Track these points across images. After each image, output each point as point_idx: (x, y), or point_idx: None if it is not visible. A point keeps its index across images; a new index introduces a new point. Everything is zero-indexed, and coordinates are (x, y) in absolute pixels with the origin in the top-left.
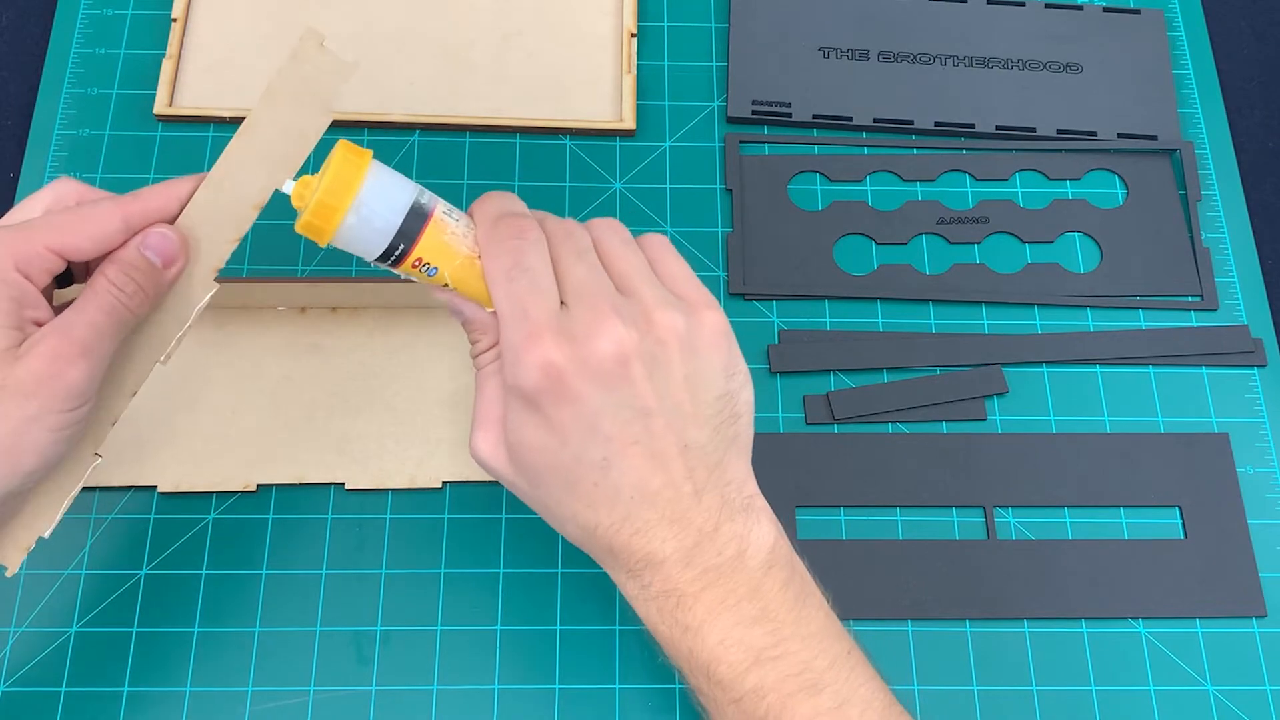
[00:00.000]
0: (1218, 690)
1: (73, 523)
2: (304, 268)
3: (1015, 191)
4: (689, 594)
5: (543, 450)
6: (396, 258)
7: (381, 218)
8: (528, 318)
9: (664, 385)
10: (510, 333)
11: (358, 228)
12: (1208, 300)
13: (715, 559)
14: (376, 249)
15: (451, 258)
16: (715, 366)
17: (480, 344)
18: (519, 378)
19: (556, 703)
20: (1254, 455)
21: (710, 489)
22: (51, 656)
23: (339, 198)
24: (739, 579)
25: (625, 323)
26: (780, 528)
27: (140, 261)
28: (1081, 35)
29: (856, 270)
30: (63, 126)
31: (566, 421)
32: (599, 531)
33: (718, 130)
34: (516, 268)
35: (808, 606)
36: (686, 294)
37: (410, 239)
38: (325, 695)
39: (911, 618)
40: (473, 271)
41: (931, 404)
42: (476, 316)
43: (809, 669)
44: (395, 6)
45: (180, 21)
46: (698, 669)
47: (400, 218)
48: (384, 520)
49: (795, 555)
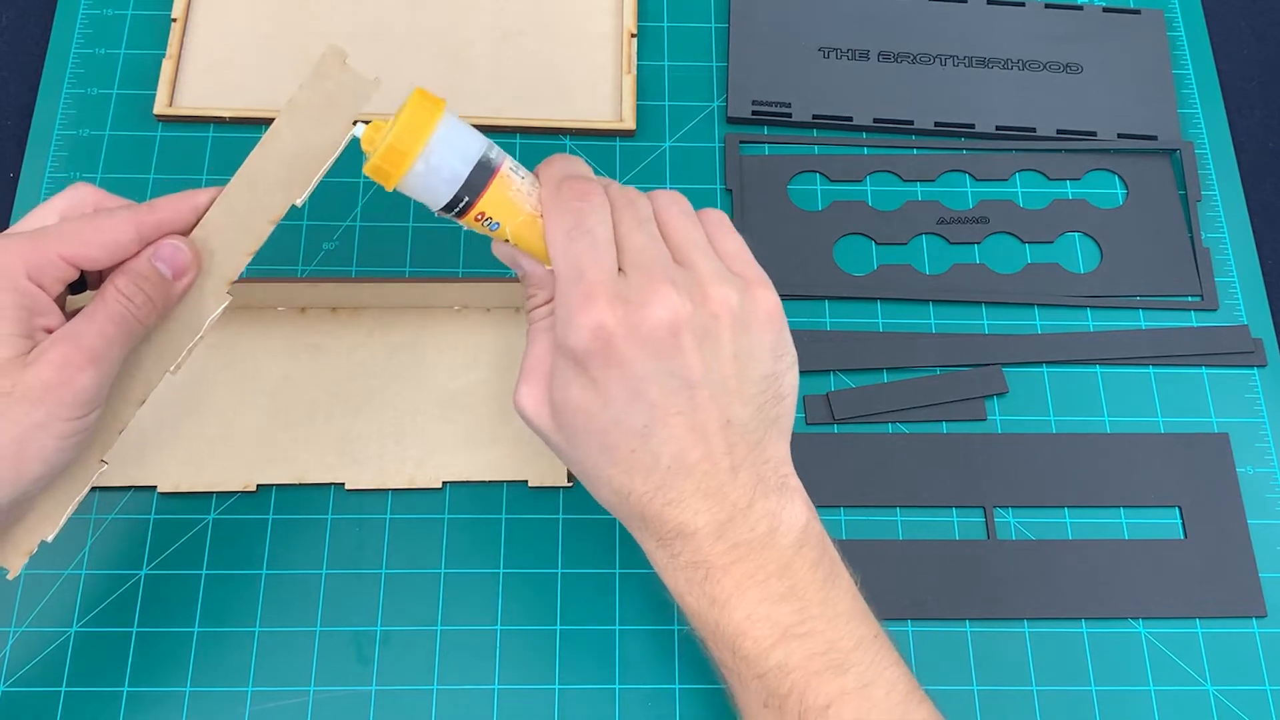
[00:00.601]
0: (1218, 690)
1: (73, 523)
2: (304, 268)
3: (1015, 191)
4: (718, 566)
5: (585, 411)
6: (461, 209)
7: (449, 168)
8: (584, 279)
9: (712, 359)
10: (565, 292)
11: (425, 176)
12: (1208, 300)
13: (747, 534)
14: (441, 199)
15: (514, 214)
16: (765, 345)
17: (536, 299)
18: (569, 337)
19: (556, 703)
20: (1254, 455)
21: (748, 466)
22: (51, 656)
23: (409, 144)
24: (769, 555)
25: (680, 293)
26: (813, 509)
27: (151, 272)
28: (1081, 35)
29: (856, 270)
30: (63, 126)
31: (612, 385)
32: (632, 498)
33: (718, 130)
34: (577, 229)
35: (836, 587)
36: (742, 271)
37: (475, 192)
38: (325, 695)
39: (911, 618)
40: (534, 230)
41: (931, 404)
42: (534, 271)
43: (835, 648)
44: (395, 6)
45: (180, 21)
46: (723, 642)
47: (467, 170)
48: (384, 520)
49: (827, 537)
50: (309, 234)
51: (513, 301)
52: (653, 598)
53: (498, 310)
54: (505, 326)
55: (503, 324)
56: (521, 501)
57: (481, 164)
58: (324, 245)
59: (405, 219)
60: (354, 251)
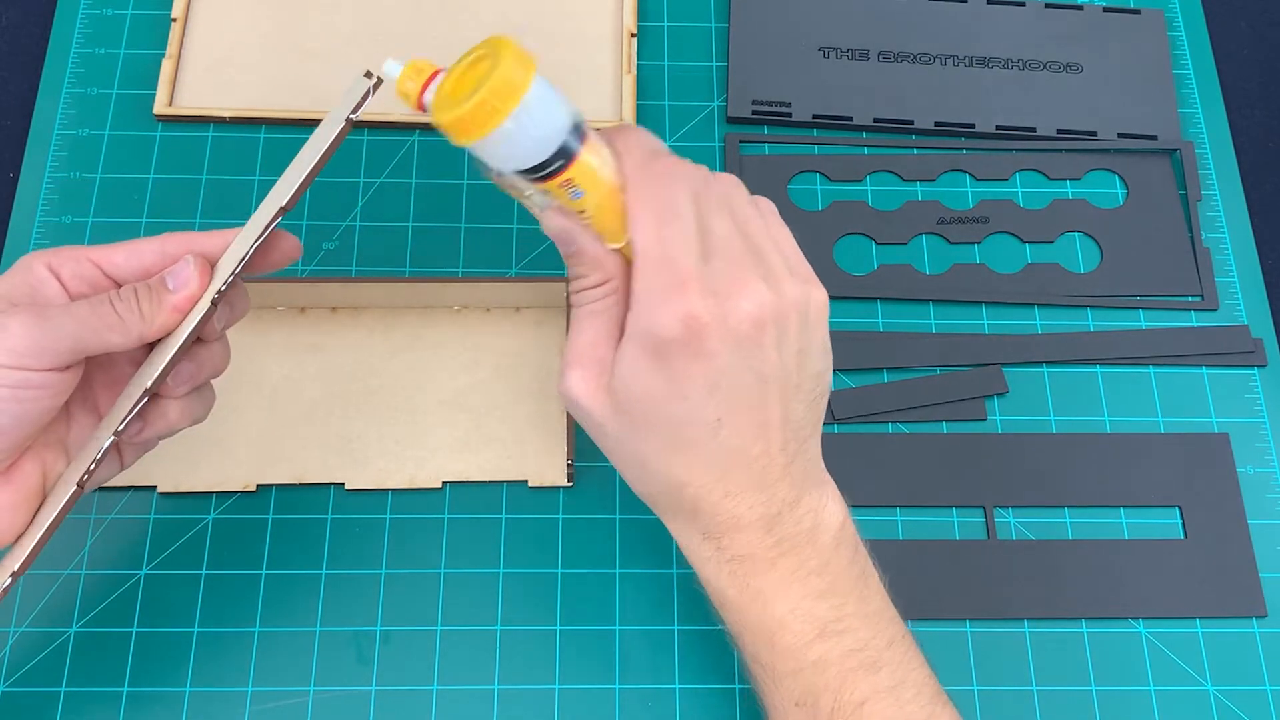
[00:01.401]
0: (1218, 690)
1: (73, 523)
2: (304, 268)
3: (1015, 191)
4: (764, 560)
5: (657, 400)
6: (549, 173)
7: (541, 128)
8: (675, 265)
9: (783, 354)
10: (652, 277)
11: (515, 134)
12: (1208, 300)
13: (793, 529)
14: (530, 160)
15: (599, 184)
16: (819, 343)
17: (586, 279)
18: (656, 324)
19: (556, 703)
20: (1254, 455)
21: (798, 461)
22: (51, 656)
23: (504, 100)
24: (810, 551)
25: (768, 287)
26: (846, 506)
27: (151, 280)
28: (1081, 35)
29: (856, 270)
30: (63, 126)
31: (694, 376)
32: (688, 490)
33: (718, 130)
34: (669, 211)
35: (869, 586)
36: (798, 267)
37: (569, 157)
38: (325, 695)
39: (911, 618)
40: (614, 203)
41: (931, 404)
42: (592, 251)
43: (869, 647)
44: (395, 6)
45: (180, 21)
46: (761, 636)
47: (563, 134)
48: (384, 520)
49: (859, 535)
50: (309, 234)
51: (512, 302)
52: (653, 598)
53: (498, 310)
54: (505, 325)
55: (502, 323)
56: (521, 501)
57: (577, 126)
58: (324, 245)
59: (405, 219)
60: (354, 251)
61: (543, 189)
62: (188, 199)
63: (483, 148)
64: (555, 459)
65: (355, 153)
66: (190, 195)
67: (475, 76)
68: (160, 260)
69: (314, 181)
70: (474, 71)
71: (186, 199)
